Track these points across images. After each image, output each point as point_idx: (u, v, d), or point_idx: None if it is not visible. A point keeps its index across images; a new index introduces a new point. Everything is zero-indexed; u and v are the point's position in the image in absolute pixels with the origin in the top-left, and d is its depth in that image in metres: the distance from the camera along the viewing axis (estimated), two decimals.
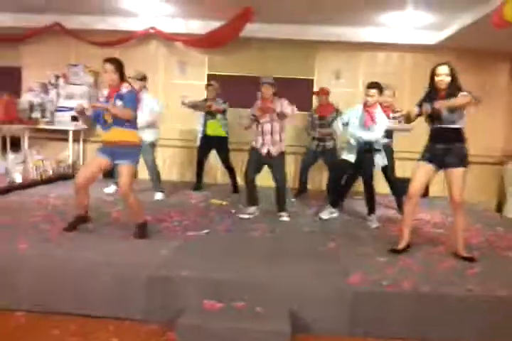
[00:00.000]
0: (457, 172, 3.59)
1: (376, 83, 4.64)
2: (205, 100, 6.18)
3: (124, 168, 3.76)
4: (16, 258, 3.18)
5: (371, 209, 4.90)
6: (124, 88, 3.73)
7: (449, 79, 3.51)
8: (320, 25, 6.83)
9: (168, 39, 7.24)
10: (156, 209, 4.90)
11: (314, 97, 6.80)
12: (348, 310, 2.92)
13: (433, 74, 3.56)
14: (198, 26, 6.88)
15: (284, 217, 4.89)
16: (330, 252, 3.73)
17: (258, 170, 4.91)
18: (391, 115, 5.09)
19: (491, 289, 3.00)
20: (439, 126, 3.58)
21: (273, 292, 2.96)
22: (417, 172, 3.71)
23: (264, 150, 4.77)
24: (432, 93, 3.58)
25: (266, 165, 4.92)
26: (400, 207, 5.52)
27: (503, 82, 7.43)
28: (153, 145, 5.66)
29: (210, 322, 2.68)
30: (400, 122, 4.99)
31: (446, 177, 3.67)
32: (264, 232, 4.27)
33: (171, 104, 6.86)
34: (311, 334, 2.91)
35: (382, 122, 4.63)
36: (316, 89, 7.00)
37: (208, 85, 6.27)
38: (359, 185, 5.23)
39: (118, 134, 3.72)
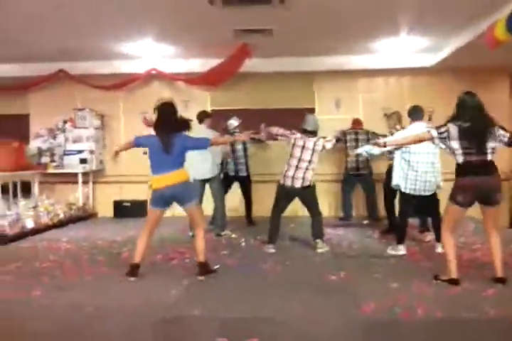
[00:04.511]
0: None
1: None
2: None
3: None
4: (29, 306, 3.20)
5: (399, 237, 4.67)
6: None
7: None
8: (317, 56, 6.98)
9: (170, 79, 7.42)
10: (165, 247, 4.93)
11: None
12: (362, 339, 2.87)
13: (464, 104, 3.43)
14: (198, 65, 7.05)
15: (319, 248, 4.78)
16: (342, 281, 3.70)
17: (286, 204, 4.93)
18: None
19: (507, 310, 2.95)
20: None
21: (286, 327, 2.92)
22: None
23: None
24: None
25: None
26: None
27: (503, 98, 7.44)
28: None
29: None
30: None
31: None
32: (275, 264, 4.25)
33: None
34: None
35: None
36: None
37: None
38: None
39: None
